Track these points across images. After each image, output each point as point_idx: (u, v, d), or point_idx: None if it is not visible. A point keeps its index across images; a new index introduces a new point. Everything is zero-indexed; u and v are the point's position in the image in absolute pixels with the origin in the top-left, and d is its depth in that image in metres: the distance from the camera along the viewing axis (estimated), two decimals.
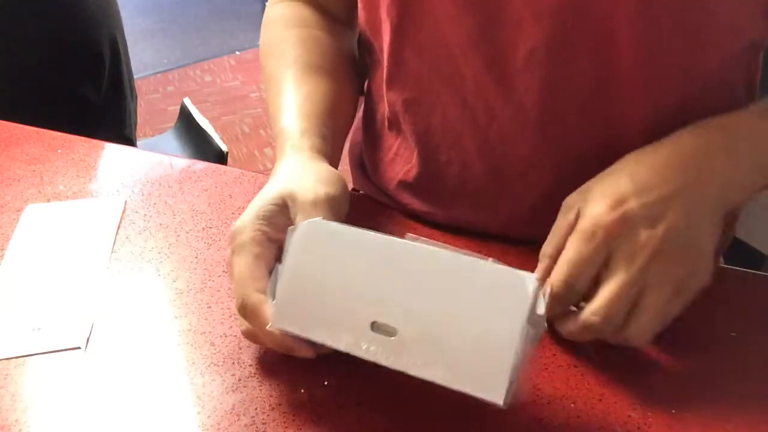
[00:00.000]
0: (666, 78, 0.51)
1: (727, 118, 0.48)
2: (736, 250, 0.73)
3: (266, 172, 0.58)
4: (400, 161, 0.63)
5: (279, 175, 0.51)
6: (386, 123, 0.64)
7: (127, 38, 1.25)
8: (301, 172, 0.50)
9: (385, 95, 0.61)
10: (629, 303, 0.42)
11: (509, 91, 0.53)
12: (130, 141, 1.26)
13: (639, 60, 0.50)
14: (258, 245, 0.45)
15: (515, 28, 0.51)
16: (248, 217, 0.46)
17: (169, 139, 1.41)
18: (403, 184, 0.63)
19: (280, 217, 0.47)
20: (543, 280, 0.45)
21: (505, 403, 0.36)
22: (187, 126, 1.38)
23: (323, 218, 0.44)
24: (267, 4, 0.72)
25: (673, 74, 0.51)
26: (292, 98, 0.59)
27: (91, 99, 1.17)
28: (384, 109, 0.63)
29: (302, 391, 0.44)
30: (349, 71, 0.66)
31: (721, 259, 0.68)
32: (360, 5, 0.62)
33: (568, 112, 0.53)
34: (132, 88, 1.27)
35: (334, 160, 0.57)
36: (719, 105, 0.50)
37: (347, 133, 0.63)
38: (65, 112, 1.14)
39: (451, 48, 0.54)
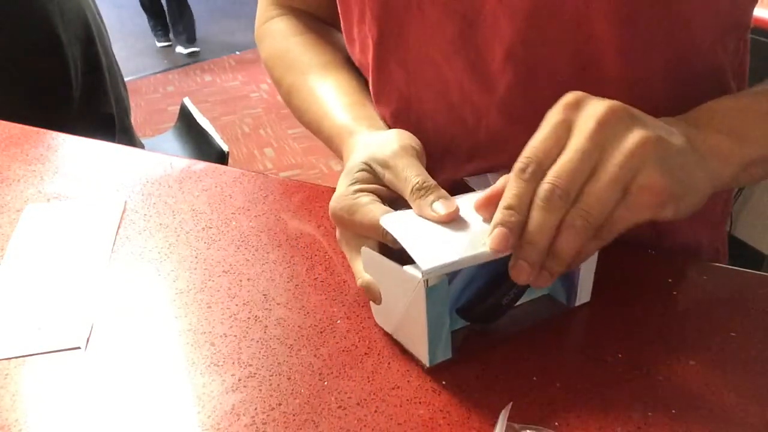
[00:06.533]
0: (648, 69, 0.51)
1: (697, 114, 0.48)
2: (736, 250, 0.73)
3: (266, 172, 0.58)
4: None
5: (355, 152, 0.51)
6: None
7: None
8: (374, 138, 0.51)
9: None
10: (589, 168, 0.39)
11: (492, 91, 0.54)
12: (112, 118, 1.26)
13: (620, 53, 0.50)
14: (366, 196, 0.47)
15: (492, 28, 0.51)
16: (342, 189, 0.48)
17: (169, 139, 1.41)
18: None
19: (373, 180, 0.48)
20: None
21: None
22: (187, 126, 1.38)
23: (411, 161, 0.47)
24: (256, 23, 0.74)
25: (655, 65, 0.51)
26: (328, 98, 0.61)
27: (66, 94, 1.18)
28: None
29: (302, 391, 0.44)
30: (350, 63, 0.67)
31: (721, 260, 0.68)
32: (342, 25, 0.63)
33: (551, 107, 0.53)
34: (114, 67, 1.27)
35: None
36: (708, 93, 0.50)
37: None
38: (43, 110, 1.15)
39: (433, 55, 0.55)
